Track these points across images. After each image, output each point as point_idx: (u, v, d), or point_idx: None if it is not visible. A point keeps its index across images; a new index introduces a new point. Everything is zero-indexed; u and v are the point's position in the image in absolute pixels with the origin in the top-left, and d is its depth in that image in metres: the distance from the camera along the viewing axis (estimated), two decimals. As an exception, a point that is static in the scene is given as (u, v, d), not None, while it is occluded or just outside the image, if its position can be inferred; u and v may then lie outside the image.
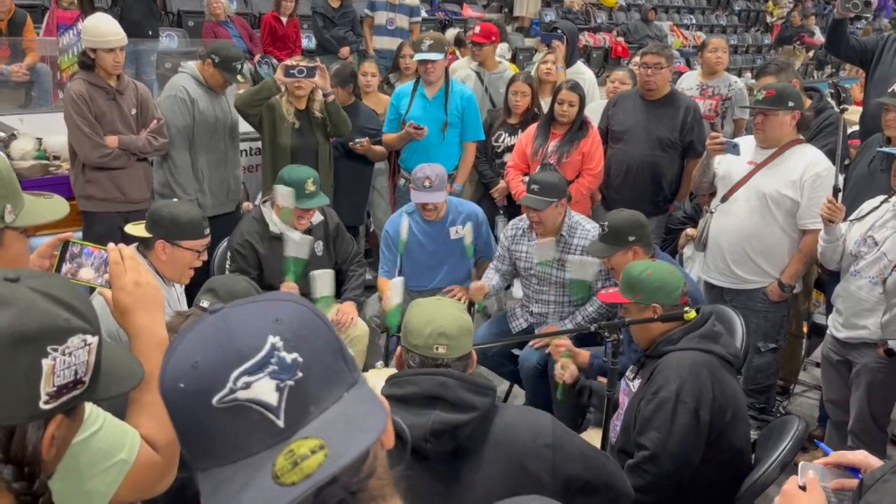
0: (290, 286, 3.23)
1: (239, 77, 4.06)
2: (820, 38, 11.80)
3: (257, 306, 0.74)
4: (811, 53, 11.95)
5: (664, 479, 2.15)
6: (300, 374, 0.69)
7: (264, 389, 0.68)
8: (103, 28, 3.68)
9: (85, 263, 1.40)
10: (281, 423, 0.68)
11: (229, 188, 4.23)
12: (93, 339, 0.96)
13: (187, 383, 0.70)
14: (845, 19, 4.26)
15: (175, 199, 3.58)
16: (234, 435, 0.69)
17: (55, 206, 1.48)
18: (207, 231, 2.72)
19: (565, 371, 2.68)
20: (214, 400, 0.68)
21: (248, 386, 0.68)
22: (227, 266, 3.40)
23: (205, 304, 2.17)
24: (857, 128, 4.39)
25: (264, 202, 3.51)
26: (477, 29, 5.01)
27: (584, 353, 2.90)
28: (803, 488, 1.28)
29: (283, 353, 0.69)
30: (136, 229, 2.69)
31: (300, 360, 0.70)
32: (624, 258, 2.92)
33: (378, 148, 4.52)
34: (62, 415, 0.95)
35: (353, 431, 0.69)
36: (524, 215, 3.60)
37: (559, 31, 5.27)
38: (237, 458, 0.68)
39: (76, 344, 0.93)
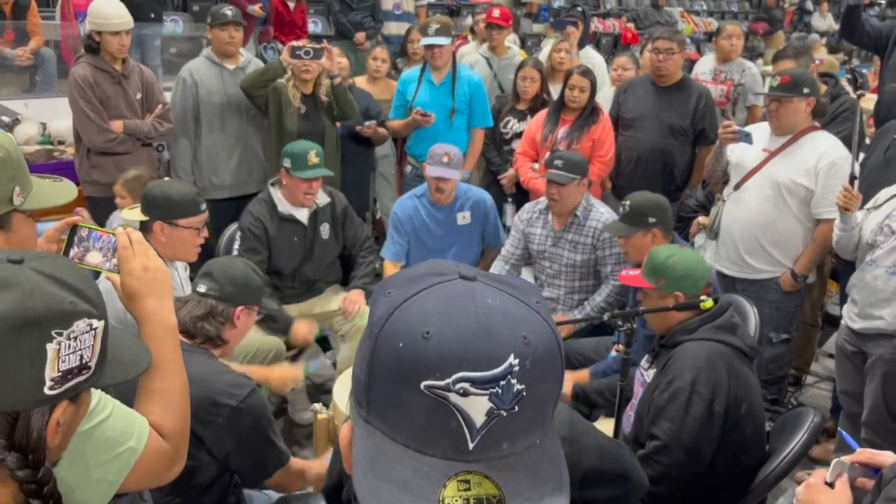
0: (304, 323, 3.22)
1: (228, 11, 4.05)
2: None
3: (512, 304, 0.66)
4: (828, 40, 11.80)
5: (676, 469, 2.11)
6: (515, 409, 0.63)
7: (477, 407, 0.62)
8: (108, 10, 3.65)
9: (93, 247, 1.37)
10: (471, 445, 0.63)
11: (250, 168, 4.21)
12: (98, 324, 0.93)
13: (407, 348, 0.63)
14: (859, 5, 4.20)
15: (167, 178, 3.57)
16: (421, 425, 0.63)
17: (64, 190, 1.46)
18: (204, 206, 2.67)
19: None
20: (424, 383, 0.62)
21: (465, 394, 0.62)
22: (236, 247, 3.37)
23: (202, 288, 2.13)
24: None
25: (272, 184, 3.49)
26: (496, 13, 4.94)
27: (583, 374, 2.87)
28: (831, 485, 1.24)
29: (514, 381, 0.63)
30: (133, 213, 2.64)
31: (524, 394, 0.64)
32: (642, 240, 2.88)
33: (383, 130, 4.48)
34: (67, 401, 0.92)
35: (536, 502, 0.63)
36: (539, 199, 3.57)
37: (577, 8, 5.21)
38: (408, 445, 0.63)
39: (81, 328, 0.90)
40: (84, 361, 0.92)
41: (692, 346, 2.18)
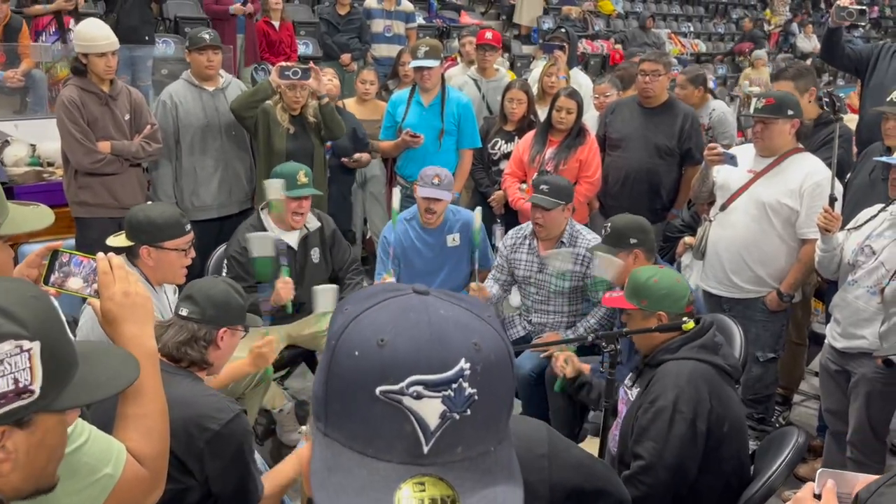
0: (286, 281, 3.22)
1: (205, 35, 4.07)
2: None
3: (464, 315, 0.69)
4: (813, 61, 11.95)
5: (660, 489, 2.12)
6: (468, 413, 0.66)
7: (431, 410, 0.65)
8: (94, 33, 3.68)
9: (74, 273, 1.38)
10: (426, 448, 0.65)
11: (231, 189, 4.22)
12: (31, 345, 0.90)
13: (363, 356, 0.66)
14: (840, 28, 4.25)
15: (149, 202, 3.58)
16: (376, 431, 0.65)
17: (40, 216, 1.46)
18: (188, 227, 2.67)
19: (567, 366, 2.71)
20: (379, 389, 0.64)
21: (418, 397, 0.64)
22: (224, 274, 3.37)
23: (184, 312, 2.12)
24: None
25: (262, 208, 3.50)
26: (489, 35, 5.01)
27: (586, 367, 2.87)
28: (818, 497, 1.25)
29: (465, 385, 0.65)
30: (118, 240, 2.63)
31: (476, 398, 0.66)
32: (625, 261, 2.90)
33: (366, 156, 4.53)
34: (10, 426, 0.89)
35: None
36: (524, 224, 3.58)
37: (562, 30, 5.26)
38: (364, 452, 0.65)
39: (7, 350, 0.87)
40: (21, 385, 0.89)
41: (674, 365, 2.20)
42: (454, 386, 0.65)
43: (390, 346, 0.65)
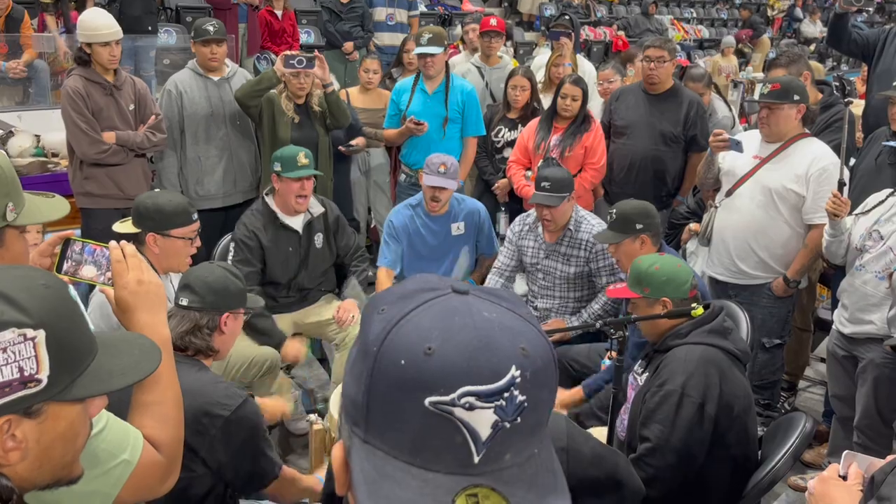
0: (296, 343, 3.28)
1: (210, 27, 4.04)
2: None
3: (507, 316, 0.66)
4: (817, 46, 11.90)
5: (667, 471, 2.12)
6: (518, 420, 0.64)
7: (483, 420, 0.62)
8: (97, 22, 3.67)
9: (86, 261, 1.38)
10: (476, 458, 0.63)
11: (236, 178, 4.23)
12: (35, 333, 0.88)
13: (409, 365, 0.63)
14: (847, 13, 4.23)
15: (157, 190, 3.58)
16: (425, 442, 0.63)
17: (56, 206, 1.46)
18: (195, 216, 2.68)
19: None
20: (428, 400, 0.62)
21: (470, 408, 0.62)
22: (231, 257, 3.38)
23: (184, 301, 2.12)
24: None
25: (266, 194, 3.50)
26: (493, 21, 4.99)
27: (577, 394, 2.87)
28: (844, 478, 1.26)
29: (516, 392, 0.63)
30: (124, 226, 2.64)
31: (525, 405, 0.64)
32: (631, 247, 2.91)
33: (362, 140, 4.53)
34: (18, 415, 0.88)
35: None
36: (529, 210, 3.58)
37: (566, 17, 5.23)
38: (412, 462, 0.63)
39: (11, 339, 0.86)
40: (27, 374, 0.87)
41: (684, 350, 2.20)
42: (506, 395, 0.63)
43: (438, 354, 0.62)
